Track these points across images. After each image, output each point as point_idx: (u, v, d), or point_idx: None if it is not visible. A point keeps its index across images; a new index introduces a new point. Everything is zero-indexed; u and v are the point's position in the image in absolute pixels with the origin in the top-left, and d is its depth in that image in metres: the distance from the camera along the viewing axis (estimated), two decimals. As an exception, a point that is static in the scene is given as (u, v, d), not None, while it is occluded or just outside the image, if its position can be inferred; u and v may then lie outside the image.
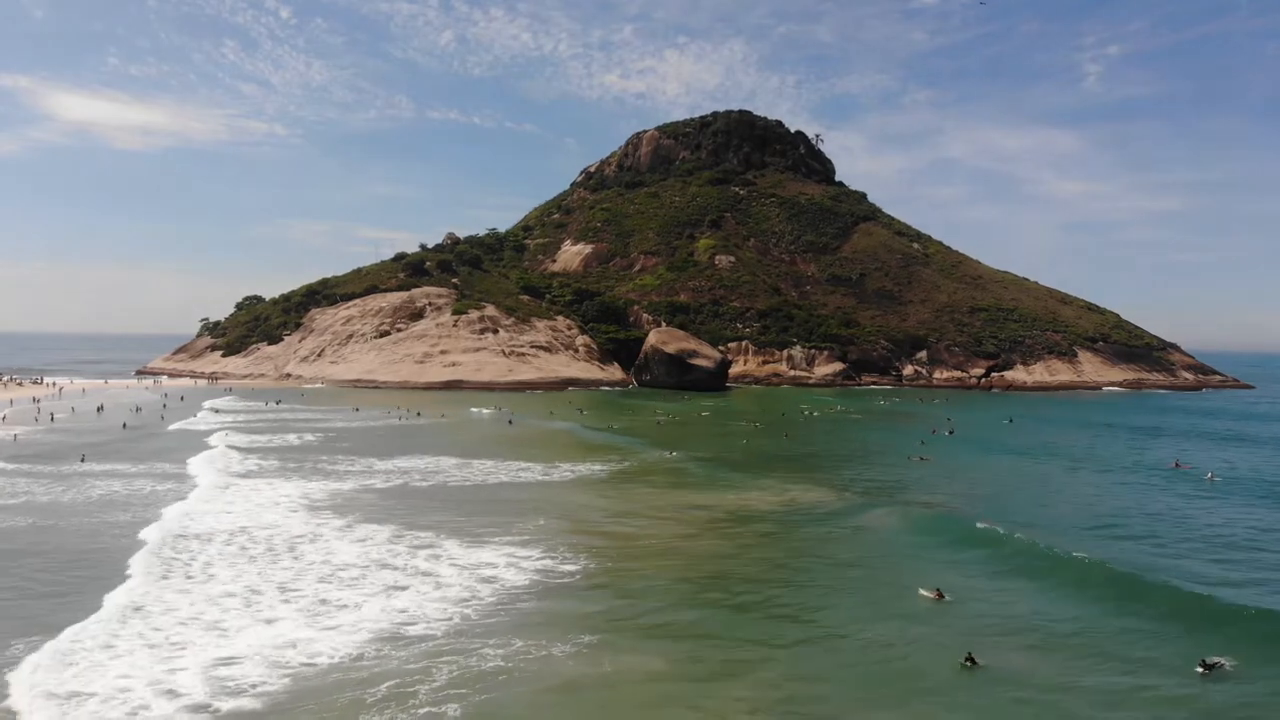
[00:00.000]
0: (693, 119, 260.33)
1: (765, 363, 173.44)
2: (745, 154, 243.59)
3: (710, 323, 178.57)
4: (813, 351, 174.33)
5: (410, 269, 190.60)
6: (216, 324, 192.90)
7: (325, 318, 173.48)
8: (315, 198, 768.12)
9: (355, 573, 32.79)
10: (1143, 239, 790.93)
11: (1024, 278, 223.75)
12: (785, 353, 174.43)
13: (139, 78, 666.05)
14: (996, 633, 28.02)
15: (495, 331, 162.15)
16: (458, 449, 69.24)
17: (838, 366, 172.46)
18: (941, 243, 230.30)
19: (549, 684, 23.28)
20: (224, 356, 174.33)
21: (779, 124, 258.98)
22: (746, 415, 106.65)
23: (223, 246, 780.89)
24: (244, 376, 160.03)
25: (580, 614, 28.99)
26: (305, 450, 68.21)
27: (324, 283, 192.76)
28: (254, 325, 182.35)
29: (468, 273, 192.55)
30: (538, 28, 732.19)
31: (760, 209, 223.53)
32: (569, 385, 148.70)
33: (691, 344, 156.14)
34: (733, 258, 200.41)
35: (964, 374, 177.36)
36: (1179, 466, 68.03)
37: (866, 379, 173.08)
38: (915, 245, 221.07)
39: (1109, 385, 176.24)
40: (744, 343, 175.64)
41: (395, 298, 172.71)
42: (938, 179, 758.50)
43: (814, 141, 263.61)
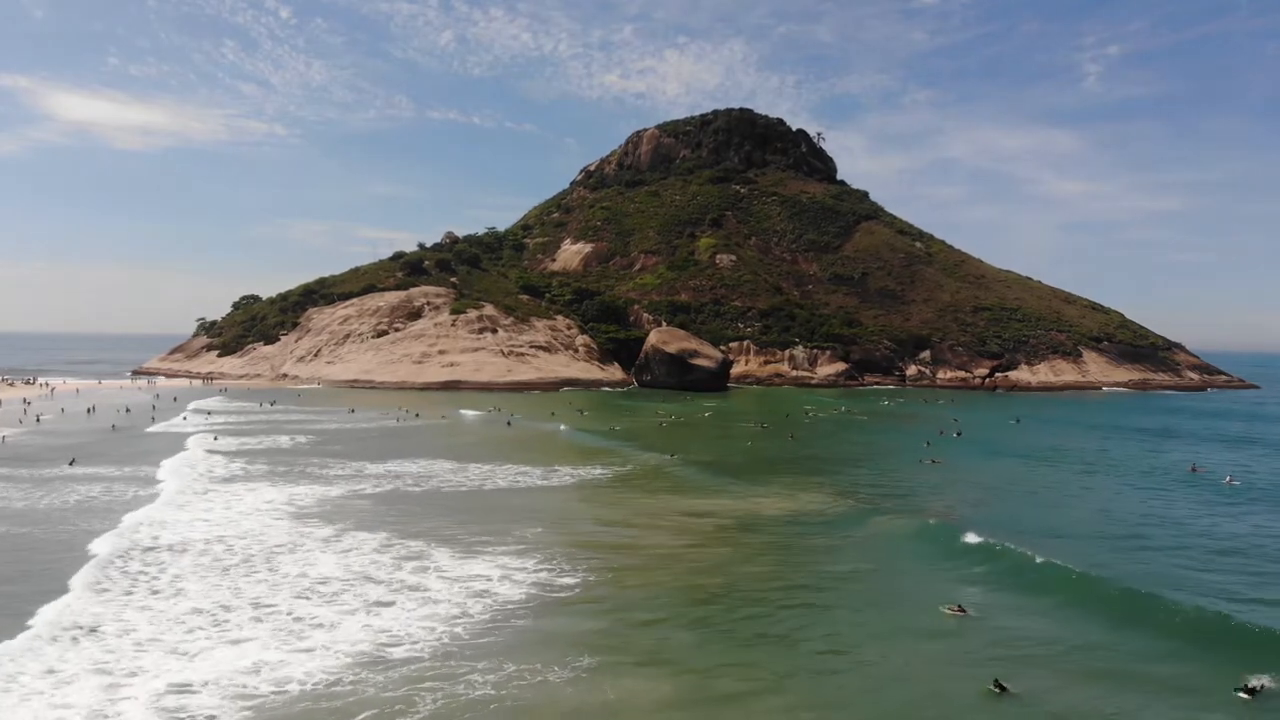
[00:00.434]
0: (693, 117, 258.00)
1: (767, 363, 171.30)
2: (746, 152, 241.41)
3: (711, 322, 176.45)
4: (815, 351, 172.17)
5: (408, 268, 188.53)
6: (213, 324, 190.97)
7: (322, 317, 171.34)
8: (315, 198, 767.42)
9: (336, 587, 30.68)
10: (1143, 239, 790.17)
11: (1027, 277, 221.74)
12: (787, 353, 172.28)
13: (139, 78, 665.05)
14: (1023, 653, 26.08)
15: (494, 331, 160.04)
16: (454, 452, 67.30)
17: (840, 367, 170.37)
18: (944, 242, 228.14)
19: (545, 714, 21.31)
20: (220, 356, 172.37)
21: (780, 122, 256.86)
22: (750, 416, 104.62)
23: (223, 246, 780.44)
24: (240, 377, 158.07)
25: (579, 633, 26.97)
26: (295, 453, 66.13)
27: (321, 282, 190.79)
28: (250, 325, 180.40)
29: (466, 272, 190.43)
30: (538, 28, 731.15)
31: (761, 208, 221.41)
32: (569, 385, 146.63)
33: (693, 344, 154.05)
34: (734, 257, 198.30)
35: (968, 374, 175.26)
36: (1196, 470, 66.05)
37: (869, 379, 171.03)
38: (918, 244, 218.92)
39: (1114, 385, 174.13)
40: (745, 342, 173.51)
41: (393, 297, 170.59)
42: (938, 179, 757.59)
43: (815, 140, 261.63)
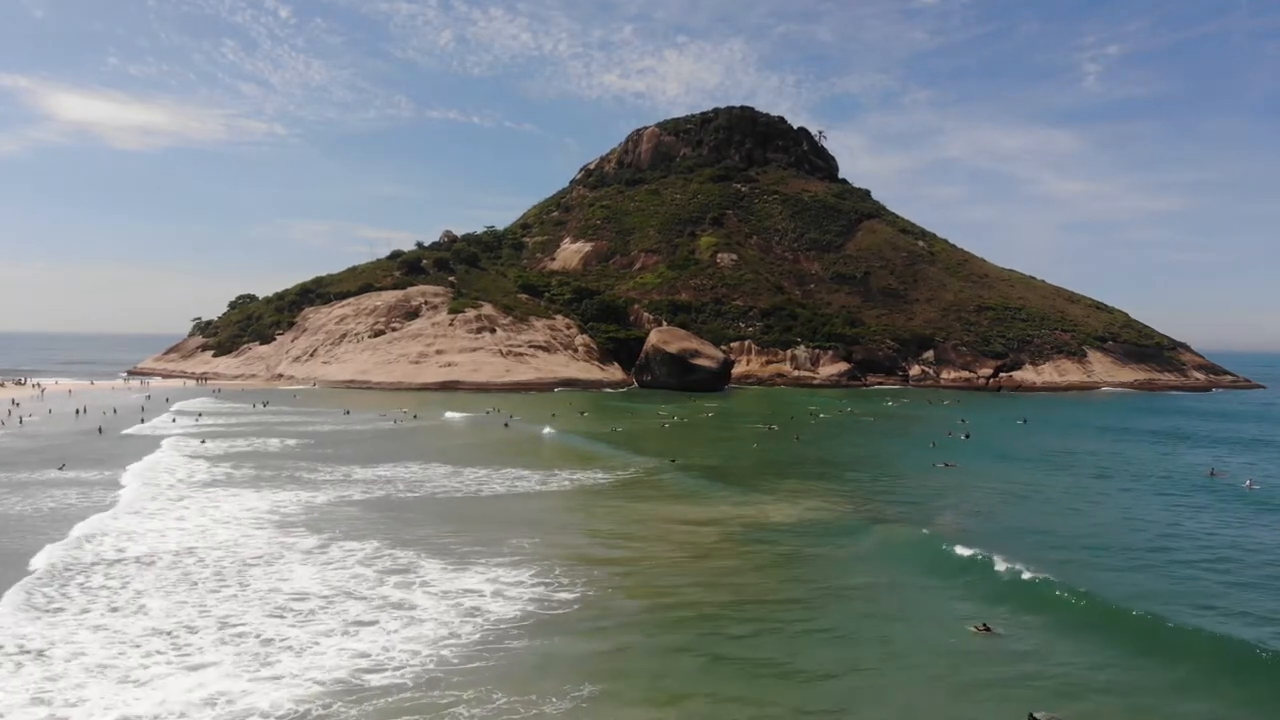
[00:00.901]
0: (694, 115, 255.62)
1: (769, 363, 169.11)
2: (747, 150, 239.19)
3: (712, 322, 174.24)
4: (817, 351, 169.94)
5: (406, 267, 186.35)
6: (208, 323, 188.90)
7: (319, 317, 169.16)
8: (315, 198, 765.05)
9: (314, 604, 28.44)
10: (1143, 239, 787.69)
11: (1030, 276, 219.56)
12: (789, 353, 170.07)
13: (139, 78, 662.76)
14: (1056, 677, 23.91)
15: (493, 331, 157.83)
16: (449, 455, 65.14)
17: (843, 367, 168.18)
18: (947, 241, 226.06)
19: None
20: (215, 356, 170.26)
21: (781, 120, 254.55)
22: (753, 417, 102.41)
23: (223, 246, 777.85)
24: (235, 377, 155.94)
25: (578, 656, 24.81)
26: (284, 457, 63.90)
27: (318, 281, 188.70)
28: (246, 325, 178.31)
29: (465, 271, 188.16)
30: (537, 28, 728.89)
31: (763, 206, 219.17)
32: (568, 386, 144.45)
33: (694, 344, 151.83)
34: (735, 256, 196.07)
35: (972, 374, 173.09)
36: (1215, 475, 63.84)
37: (872, 379, 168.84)
38: (920, 243, 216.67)
39: (1120, 385, 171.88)
40: (747, 342, 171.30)
41: (390, 296, 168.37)
42: (938, 179, 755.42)
43: (817, 138, 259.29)
